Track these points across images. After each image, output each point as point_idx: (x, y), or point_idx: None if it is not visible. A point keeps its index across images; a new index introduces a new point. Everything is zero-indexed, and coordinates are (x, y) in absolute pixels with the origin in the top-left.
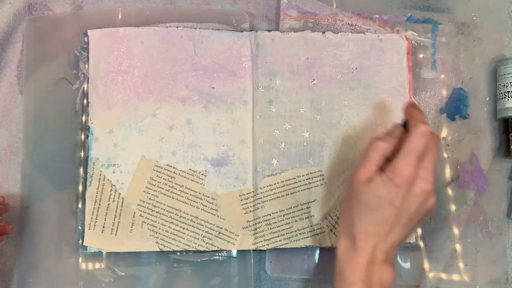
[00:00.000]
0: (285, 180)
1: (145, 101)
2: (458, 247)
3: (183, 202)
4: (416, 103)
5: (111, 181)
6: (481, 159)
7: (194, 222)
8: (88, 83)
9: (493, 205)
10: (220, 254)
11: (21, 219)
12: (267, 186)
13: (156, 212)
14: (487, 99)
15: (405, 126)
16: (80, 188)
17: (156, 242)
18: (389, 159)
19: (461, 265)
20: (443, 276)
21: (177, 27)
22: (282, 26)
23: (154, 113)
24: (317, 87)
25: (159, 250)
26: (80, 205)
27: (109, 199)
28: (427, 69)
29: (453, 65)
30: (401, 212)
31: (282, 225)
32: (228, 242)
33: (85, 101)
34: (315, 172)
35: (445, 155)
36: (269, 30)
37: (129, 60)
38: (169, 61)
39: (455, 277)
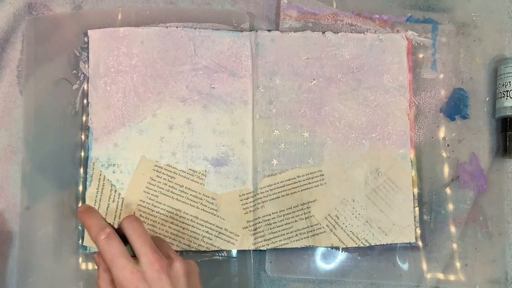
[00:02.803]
0: (285, 180)
1: (145, 101)
2: (457, 247)
3: (183, 202)
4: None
5: (111, 181)
6: (481, 159)
7: (194, 222)
8: (88, 83)
9: (493, 205)
10: (220, 254)
11: (21, 219)
12: (267, 186)
13: (156, 212)
14: (487, 99)
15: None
16: (80, 188)
17: None
18: None
19: (460, 265)
20: (443, 276)
21: (177, 27)
22: (282, 26)
23: (154, 113)
24: (317, 87)
25: None
26: (80, 205)
27: (109, 199)
28: (427, 69)
29: (453, 65)
30: None
31: (282, 225)
32: (228, 242)
33: (85, 101)
34: (315, 172)
35: (445, 155)
36: (269, 30)
37: (129, 60)
38: (169, 61)
39: (455, 277)
